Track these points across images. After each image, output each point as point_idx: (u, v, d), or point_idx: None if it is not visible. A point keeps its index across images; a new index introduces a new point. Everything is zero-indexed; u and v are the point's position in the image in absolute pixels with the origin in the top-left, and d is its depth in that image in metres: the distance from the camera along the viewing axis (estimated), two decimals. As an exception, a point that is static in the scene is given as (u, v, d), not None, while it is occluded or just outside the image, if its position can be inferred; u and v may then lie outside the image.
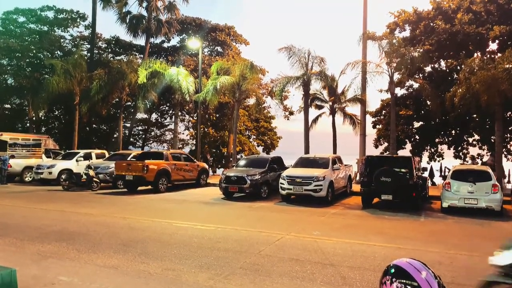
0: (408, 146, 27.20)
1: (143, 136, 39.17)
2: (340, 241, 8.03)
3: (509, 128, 23.32)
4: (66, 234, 8.38)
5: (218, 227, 9.35)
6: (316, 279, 5.70)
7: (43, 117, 35.34)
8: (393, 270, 1.73)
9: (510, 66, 16.23)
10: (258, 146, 37.67)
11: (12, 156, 20.57)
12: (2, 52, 31.31)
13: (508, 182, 19.53)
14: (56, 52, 33.92)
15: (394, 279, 1.69)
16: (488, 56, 21.68)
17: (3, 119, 34.24)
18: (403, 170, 13.40)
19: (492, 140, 23.45)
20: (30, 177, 20.84)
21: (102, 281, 5.58)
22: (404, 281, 1.66)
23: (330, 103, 21.92)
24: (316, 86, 21.89)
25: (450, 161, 27.23)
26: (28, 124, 34.97)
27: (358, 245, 7.72)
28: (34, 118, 33.55)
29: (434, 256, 7.01)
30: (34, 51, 33.30)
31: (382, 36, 22.85)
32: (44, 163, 20.34)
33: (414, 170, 13.42)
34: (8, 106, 35.81)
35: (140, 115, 34.67)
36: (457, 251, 7.44)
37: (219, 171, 31.06)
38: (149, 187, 17.32)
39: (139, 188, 17.59)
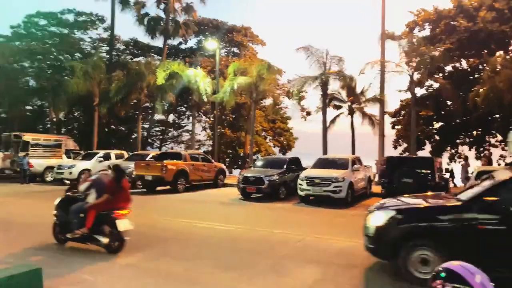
0: (428, 147, 26.78)
1: (161, 137, 39.52)
2: (361, 243, 7.85)
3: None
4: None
5: (238, 228, 9.31)
6: (341, 281, 5.60)
7: (63, 118, 35.95)
8: (444, 274, 1.63)
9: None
10: (274, 147, 37.60)
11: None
12: (24, 55, 31.99)
13: None
14: (76, 54, 34.50)
15: (446, 283, 1.59)
16: (511, 55, 21.18)
17: (25, 120, 34.97)
18: (424, 171, 13.16)
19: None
20: (51, 177, 21.18)
21: (125, 281, 5.60)
22: (458, 285, 1.56)
23: (349, 103, 21.72)
24: (334, 86, 21.76)
25: (471, 162, 26.63)
26: (48, 125, 35.66)
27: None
28: (54, 119, 34.17)
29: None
30: (54, 54, 33.94)
31: (401, 35, 22.57)
32: (64, 163, 20.65)
33: (436, 171, 13.16)
34: (30, 107, 36.58)
35: (158, 116, 35.03)
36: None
37: (235, 172, 31.10)
38: (168, 187, 17.40)
39: (158, 188, 17.68)
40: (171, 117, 38.57)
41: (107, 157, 20.84)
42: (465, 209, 5.32)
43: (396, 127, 27.90)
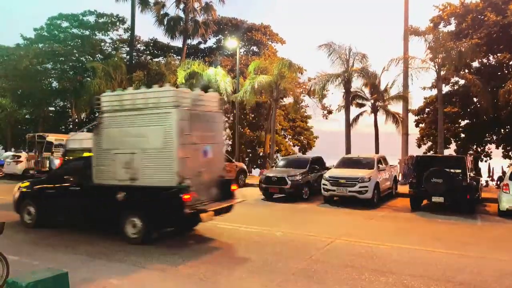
0: (453, 145, 26.01)
1: (181, 136, 39.63)
2: (396, 247, 7.53)
3: None
4: (111, 235, 8.33)
5: (263, 229, 9.07)
6: (377, 288, 5.30)
7: (85, 119, 36.42)
8: None
9: None
10: (294, 146, 37.24)
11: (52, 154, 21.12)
12: (47, 57, 32.52)
13: None
14: (97, 55, 34.87)
15: None
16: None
17: (48, 121, 35.63)
18: (456, 170, 12.64)
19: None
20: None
21: (152, 285, 5.42)
22: None
23: (372, 101, 21.20)
24: (357, 83, 21.22)
25: (497, 161, 25.77)
26: (71, 126, 36.20)
27: (416, 251, 7.21)
28: (76, 120, 34.67)
29: (504, 265, 6.42)
30: (76, 55, 34.40)
31: (426, 30, 21.87)
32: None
33: (468, 171, 12.63)
34: (52, 108, 37.22)
35: (178, 116, 35.07)
36: (529, 260, 6.79)
37: (255, 171, 30.88)
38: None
39: (179, 188, 17.60)
40: (191, 117, 38.61)
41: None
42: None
43: (420, 125, 27.21)
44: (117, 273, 5.86)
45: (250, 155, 36.41)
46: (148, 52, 38.30)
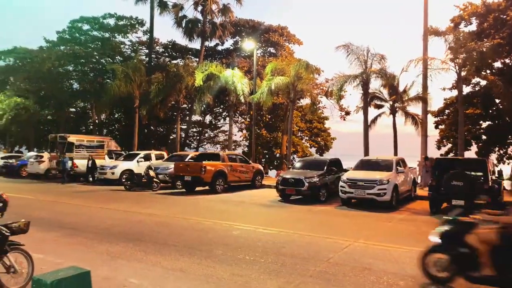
0: (474, 147, 25.51)
1: (198, 137, 39.96)
2: (415, 250, 7.38)
3: None
4: (132, 235, 8.50)
5: (280, 231, 9.08)
6: (396, 292, 5.26)
7: (104, 120, 37.12)
8: None
9: None
10: (311, 147, 37.10)
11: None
12: (68, 59, 33.28)
13: None
14: (116, 57, 35.51)
15: None
16: None
17: (69, 122, 36.45)
18: (477, 173, 12.41)
19: None
20: (94, 177, 21.81)
21: (171, 285, 5.50)
22: None
23: (391, 102, 20.98)
24: (375, 84, 21.07)
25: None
26: (91, 127, 36.94)
27: (436, 255, 7.11)
28: (96, 121, 35.34)
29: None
30: (97, 57, 35.11)
31: (446, 31, 21.52)
32: (107, 164, 21.20)
33: (489, 174, 12.38)
34: (73, 109, 38.04)
35: (195, 117, 35.42)
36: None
37: (271, 173, 30.89)
38: (206, 187, 17.45)
39: (197, 188, 17.78)
40: (208, 118, 38.94)
41: (148, 157, 21.21)
42: None
43: (440, 126, 26.82)
44: (137, 272, 5.96)
45: (267, 156, 36.44)
46: (166, 54, 38.79)
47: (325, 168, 15.66)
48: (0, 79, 38.46)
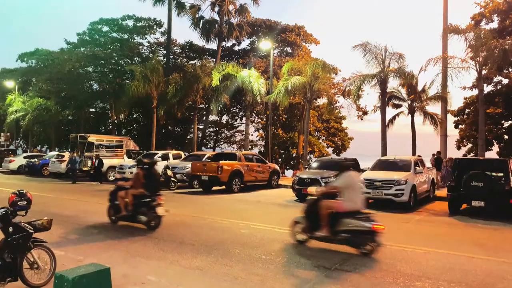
0: (495, 148, 24.98)
1: (214, 137, 40.21)
2: (432, 251, 7.37)
3: None
4: (150, 233, 8.64)
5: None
6: (413, 293, 5.22)
7: (123, 120, 37.67)
8: None
9: None
10: (328, 147, 36.90)
11: (97, 157, 22.08)
12: (88, 60, 33.92)
13: None
14: (135, 58, 36.03)
15: None
16: None
17: (89, 122, 37.14)
18: (497, 174, 12.17)
19: None
20: (114, 176, 22.20)
21: (189, 283, 5.59)
22: None
23: (409, 101, 20.72)
24: (393, 84, 20.87)
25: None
26: (110, 127, 37.55)
27: (454, 256, 7.03)
28: (115, 121, 35.91)
29: (549, 273, 6.14)
30: (116, 58, 35.68)
31: (466, 28, 21.12)
32: (126, 163, 21.55)
33: (511, 174, 12.11)
34: (93, 109, 38.74)
35: (212, 117, 35.66)
36: None
37: (288, 172, 30.85)
38: (223, 187, 17.57)
39: (214, 188, 17.92)
40: (224, 118, 39.14)
41: (165, 157, 21.47)
42: None
43: (460, 126, 26.36)
44: (155, 270, 6.08)
45: (283, 156, 36.41)
46: (184, 54, 39.16)
47: (342, 168, 15.55)
48: (23, 80, 39.51)
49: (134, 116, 39.07)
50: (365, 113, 30.69)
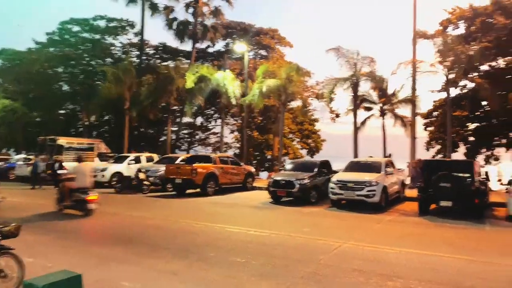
0: (462, 149, 25.87)
1: (189, 139, 39.89)
2: (404, 251, 7.57)
3: None
4: (124, 238, 8.50)
5: (272, 233, 9.15)
6: (385, 292, 5.35)
7: (94, 122, 36.84)
8: None
9: None
10: (301, 149, 37.28)
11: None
12: (58, 60, 33.04)
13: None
14: (107, 59, 35.35)
15: None
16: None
17: (59, 124, 36.09)
18: (463, 174, 12.62)
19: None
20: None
21: (164, 287, 5.53)
22: None
23: (380, 104, 21.23)
24: (365, 87, 21.37)
25: (507, 165, 25.60)
26: (81, 129, 36.64)
27: (425, 256, 7.24)
28: (86, 123, 35.07)
29: (513, 270, 6.43)
30: (87, 59, 34.91)
31: (434, 34, 21.87)
32: (97, 166, 21.05)
33: (476, 175, 12.60)
34: (63, 111, 37.70)
35: (186, 119, 35.36)
36: (538, 265, 6.79)
37: (263, 174, 30.95)
38: (198, 190, 17.44)
39: (188, 191, 17.76)
40: (199, 120, 38.90)
41: (138, 160, 21.14)
42: None
43: (429, 128, 27.13)
44: (130, 275, 5.98)
45: (258, 158, 36.53)
46: (157, 56, 38.72)
47: (316, 170, 15.78)
48: (-12, 81, 38.03)
49: (106, 118, 38.26)
50: (337, 115, 31.14)
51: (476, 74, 23.21)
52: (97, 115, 33.76)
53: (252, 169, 21.33)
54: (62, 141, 22.94)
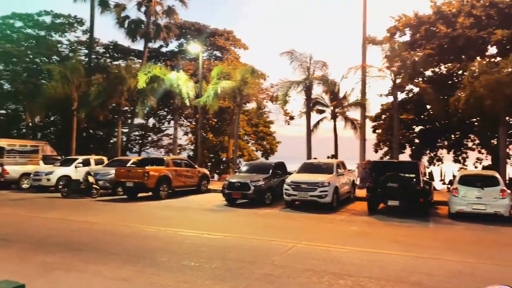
0: (408, 151, 27.13)
1: (140, 141, 38.83)
2: (354, 250, 7.81)
3: (509, 132, 23.27)
4: (71, 244, 8.10)
5: (226, 236, 9.10)
6: (337, 291, 5.48)
7: (39, 123, 34.88)
8: None
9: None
10: (256, 151, 37.49)
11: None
12: (-2, 57, 30.97)
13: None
14: (53, 57, 33.59)
15: None
16: (488, 60, 21.67)
17: (-1, 125, 33.83)
18: (409, 175, 13.25)
19: (492, 145, 23.42)
20: (28, 184, 20.44)
21: (114, 295, 5.33)
22: None
23: (332, 107, 21.81)
24: (317, 90, 21.85)
25: (449, 165, 27.22)
26: (24, 130, 34.56)
27: (374, 254, 7.51)
28: (30, 124, 33.11)
29: (454, 265, 6.82)
30: (31, 56, 32.97)
31: (382, 40, 22.82)
32: (42, 170, 19.95)
33: (421, 175, 13.27)
34: (4, 111, 35.37)
35: (138, 120, 34.38)
36: (476, 259, 7.25)
37: (217, 177, 30.76)
38: (150, 194, 17.02)
39: (140, 195, 17.28)
40: (151, 121, 37.97)
41: (86, 163, 20.27)
42: None
43: (377, 131, 28.19)
44: (77, 283, 5.71)
45: (213, 160, 36.28)
46: (108, 55, 37.34)
47: (271, 171, 15.93)
48: None
49: (52, 119, 36.32)
50: (291, 118, 31.61)
51: (420, 79, 24.47)
52: (42, 116, 31.93)
53: (207, 172, 21.13)
54: (3, 143, 21.51)
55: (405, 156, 25.99)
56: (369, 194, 13.41)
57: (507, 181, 19.66)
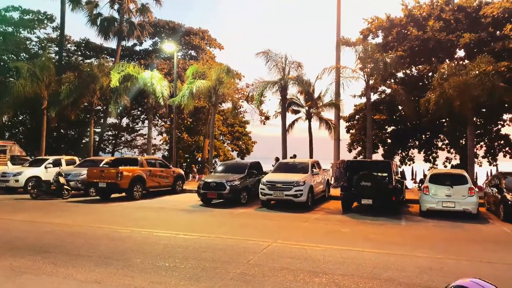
0: (380, 150, 27.71)
1: (113, 141, 38.10)
2: (329, 248, 7.91)
3: (476, 133, 24.12)
4: (40, 247, 7.86)
5: (201, 236, 9.04)
6: (312, 289, 5.53)
7: (7, 122, 33.67)
8: None
9: (481, 71, 16.75)
10: (232, 151, 37.45)
11: None
12: (-38, 54, 29.70)
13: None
14: (21, 55, 32.51)
15: None
16: (456, 62, 22.40)
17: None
18: (382, 174, 13.53)
19: (461, 144, 24.21)
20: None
21: (85, 298, 5.20)
22: None
23: (307, 108, 22.01)
24: (293, 91, 22.03)
25: (419, 164, 27.97)
26: (-10, 130, 33.26)
27: (347, 251, 7.63)
28: (-4, 123, 31.91)
29: (424, 261, 7.00)
30: (-3, 53, 31.76)
31: (356, 42, 23.19)
32: (10, 171, 19.30)
33: (393, 174, 13.57)
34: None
35: (111, 120, 33.72)
36: (445, 255, 7.47)
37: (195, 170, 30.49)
38: (123, 194, 16.73)
39: (113, 195, 16.96)
40: (125, 121, 37.31)
41: (57, 163, 19.72)
42: None
43: (351, 131, 28.65)
44: (47, 287, 5.54)
45: (188, 160, 35.99)
46: (79, 53, 36.44)
47: (246, 171, 15.94)
48: None
49: (20, 118, 35.12)
50: (267, 118, 31.74)
51: (393, 80, 25.03)
52: (10, 115, 30.83)
53: (182, 172, 20.94)
54: (-32, 143, 20.68)
55: (378, 156, 26.55)
56: (343, 193, 13.62)
57: (475, 179, 20.42)
